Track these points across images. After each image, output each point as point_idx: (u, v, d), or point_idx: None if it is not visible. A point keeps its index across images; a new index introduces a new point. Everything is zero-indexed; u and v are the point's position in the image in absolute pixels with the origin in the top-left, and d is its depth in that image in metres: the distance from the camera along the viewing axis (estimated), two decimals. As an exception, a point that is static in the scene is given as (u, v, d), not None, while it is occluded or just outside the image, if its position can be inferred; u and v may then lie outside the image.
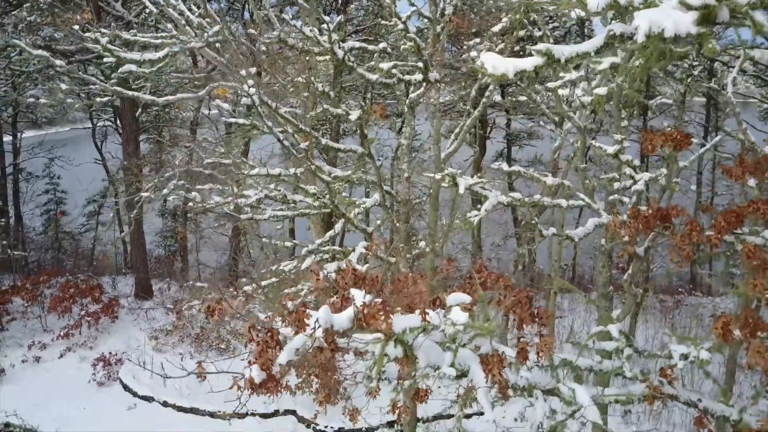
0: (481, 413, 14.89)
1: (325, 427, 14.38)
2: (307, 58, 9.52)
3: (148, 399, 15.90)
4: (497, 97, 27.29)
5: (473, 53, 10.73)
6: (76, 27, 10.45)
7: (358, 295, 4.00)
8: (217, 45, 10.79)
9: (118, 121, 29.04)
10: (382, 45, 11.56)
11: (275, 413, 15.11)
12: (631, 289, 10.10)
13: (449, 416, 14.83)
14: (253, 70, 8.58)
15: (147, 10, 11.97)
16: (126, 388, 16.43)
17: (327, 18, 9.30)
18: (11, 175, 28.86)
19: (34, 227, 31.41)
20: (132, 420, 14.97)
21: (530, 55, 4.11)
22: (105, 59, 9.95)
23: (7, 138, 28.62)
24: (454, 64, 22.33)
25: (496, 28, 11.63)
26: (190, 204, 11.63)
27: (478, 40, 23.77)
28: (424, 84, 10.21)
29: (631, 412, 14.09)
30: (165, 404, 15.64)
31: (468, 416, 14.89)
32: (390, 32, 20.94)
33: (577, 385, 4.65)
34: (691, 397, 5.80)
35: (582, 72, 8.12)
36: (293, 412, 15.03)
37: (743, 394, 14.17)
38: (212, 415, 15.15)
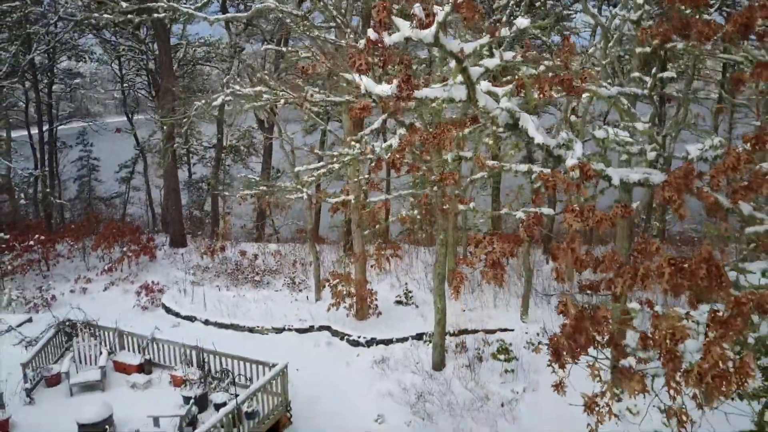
0: (509, 329, 15.65)
1: (358, 337, 15.24)
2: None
3: (191, 319, 16.89)
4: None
5: None
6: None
7: (441, 13, 4.90)
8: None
9: (152, 90, 30.37)
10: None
11: (311, 328, 16.01)
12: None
13: (474, 331, 15.63)
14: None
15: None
16: (169, 311, 17.43)
17: None
18: (47, 143, 30.17)
19: (68, 186, 32.78)
20: (178, 335, 15.90)
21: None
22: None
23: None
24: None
25: None
26: (244, 103, 12.58)
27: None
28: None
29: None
30: (206, 322, 16.62)
31: (492, 331, 15.67)
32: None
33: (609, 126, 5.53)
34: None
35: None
36: (327, 328, 15.90)
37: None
38: (251, 330, 16.10)
